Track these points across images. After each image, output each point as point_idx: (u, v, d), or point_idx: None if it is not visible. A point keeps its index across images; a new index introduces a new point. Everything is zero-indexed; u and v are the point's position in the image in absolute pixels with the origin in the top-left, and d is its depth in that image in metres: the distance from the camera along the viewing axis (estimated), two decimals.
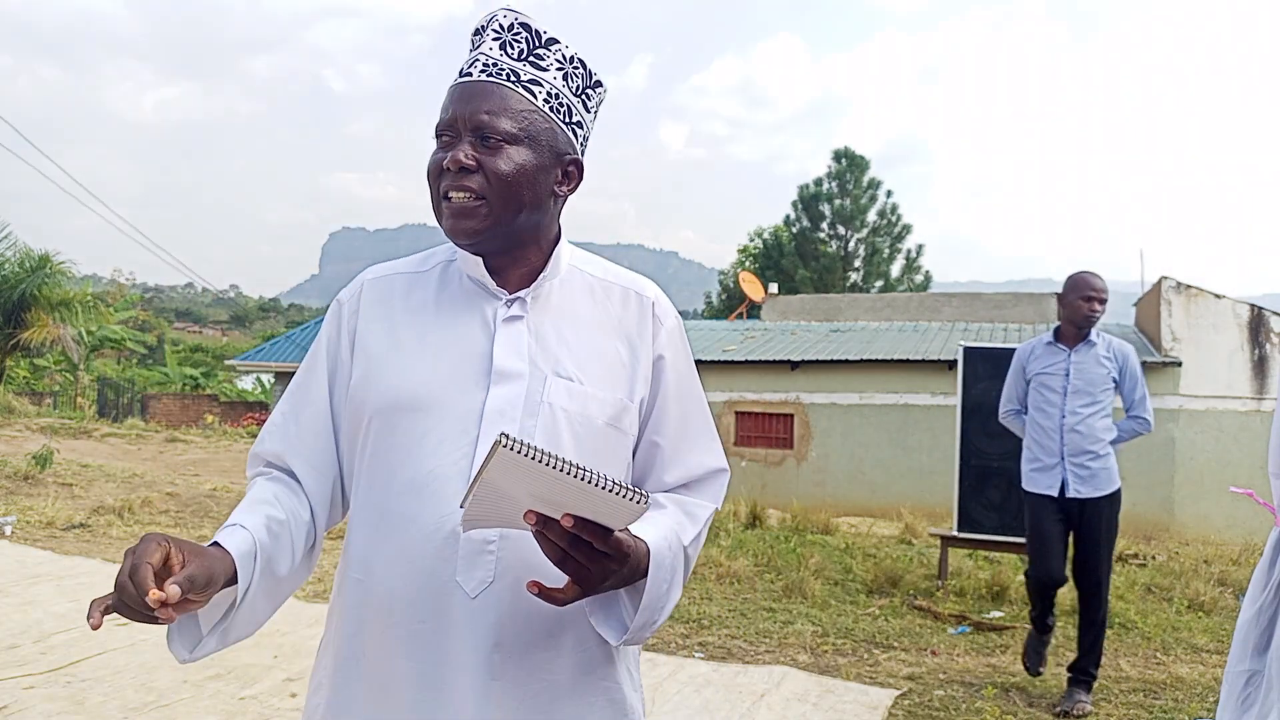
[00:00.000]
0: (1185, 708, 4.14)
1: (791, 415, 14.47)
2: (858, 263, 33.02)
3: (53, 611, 4.74)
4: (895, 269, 33.15)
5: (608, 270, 1.41)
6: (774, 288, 22.27)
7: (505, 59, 1.28)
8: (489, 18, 1.31)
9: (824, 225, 33.08)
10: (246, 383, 33.35)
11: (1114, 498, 4.18)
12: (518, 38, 1.29)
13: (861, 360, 14.04)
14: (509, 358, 1.27)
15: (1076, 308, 4.21)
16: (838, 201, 33.01)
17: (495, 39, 1.29)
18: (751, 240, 34.68)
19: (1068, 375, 4.22)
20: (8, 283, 17.86)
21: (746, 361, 14.65)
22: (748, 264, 32.60)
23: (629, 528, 1.18)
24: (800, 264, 31.76)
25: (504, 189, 1.25)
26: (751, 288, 21.51)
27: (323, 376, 1.35)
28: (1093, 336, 4.24)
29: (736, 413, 14.67)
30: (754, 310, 20.75)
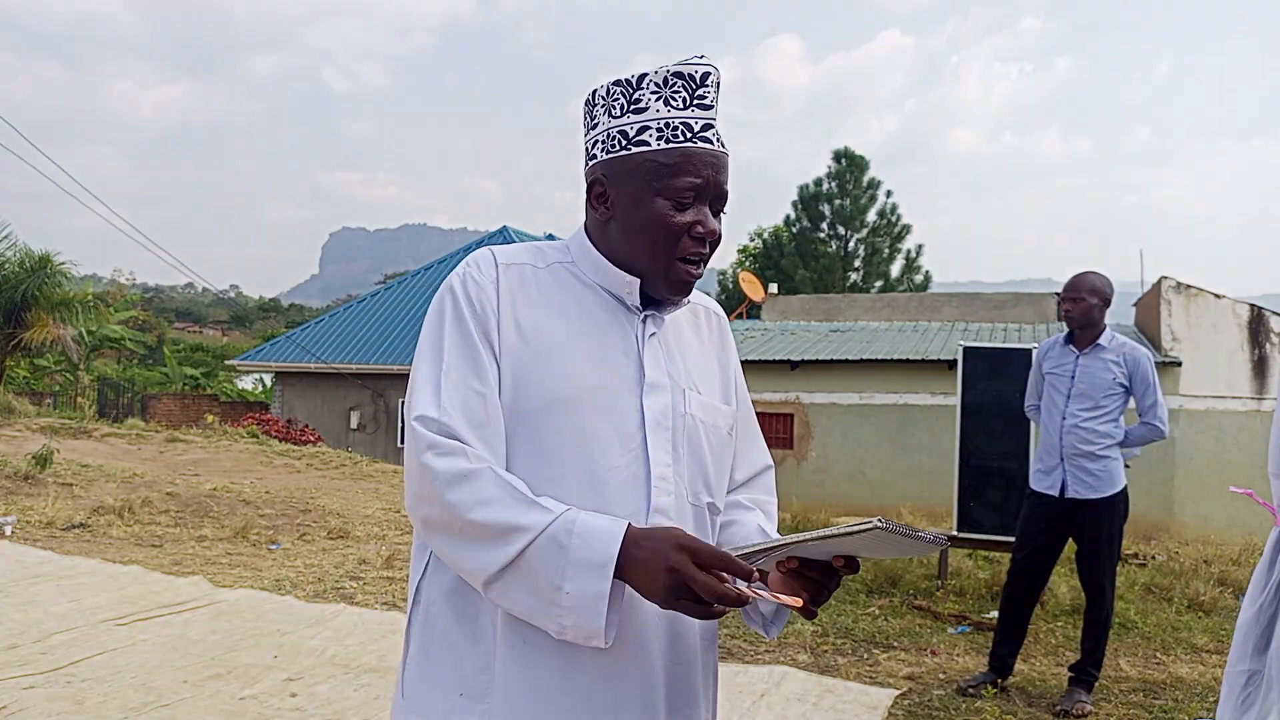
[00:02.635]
0: (1185, 708, 4.14)
1: (791, 415, 14.46)
2: (858, 263, 33.00)
3: (53, 611, 4.74)
4: (895, 269, 33.14)
5: None
6: (774, 288, 22.24)
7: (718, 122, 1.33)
8: (704, 70, 1.30)
9: (824, 225, 33.05)
10: (247, 383, 33.33)
11: (1115, 500, 4.17)
12: (717, 94, 1.33)
13: (861, 360, 14.04)
14: (656, 370, 1.33)
15: (1059, 309, 4.24)
16: (838, 201, 32.98)
17: (713, 98, 1.30)
18: (751, 240, 34.67)
19: (1073, 377, 4.21)
20: (8, 283, 17.86)
21: (746, 361, 14.63)
22: (748, 264, 32.58)
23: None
24: (800, 264, 31.75)
25: (714, 252, 1.35)
26: (751, 288, 21.47)
27: (487, 355, 1.26)
28: (1103, 340, 4.19)
29: None
30: (754, 310, 20.73)
